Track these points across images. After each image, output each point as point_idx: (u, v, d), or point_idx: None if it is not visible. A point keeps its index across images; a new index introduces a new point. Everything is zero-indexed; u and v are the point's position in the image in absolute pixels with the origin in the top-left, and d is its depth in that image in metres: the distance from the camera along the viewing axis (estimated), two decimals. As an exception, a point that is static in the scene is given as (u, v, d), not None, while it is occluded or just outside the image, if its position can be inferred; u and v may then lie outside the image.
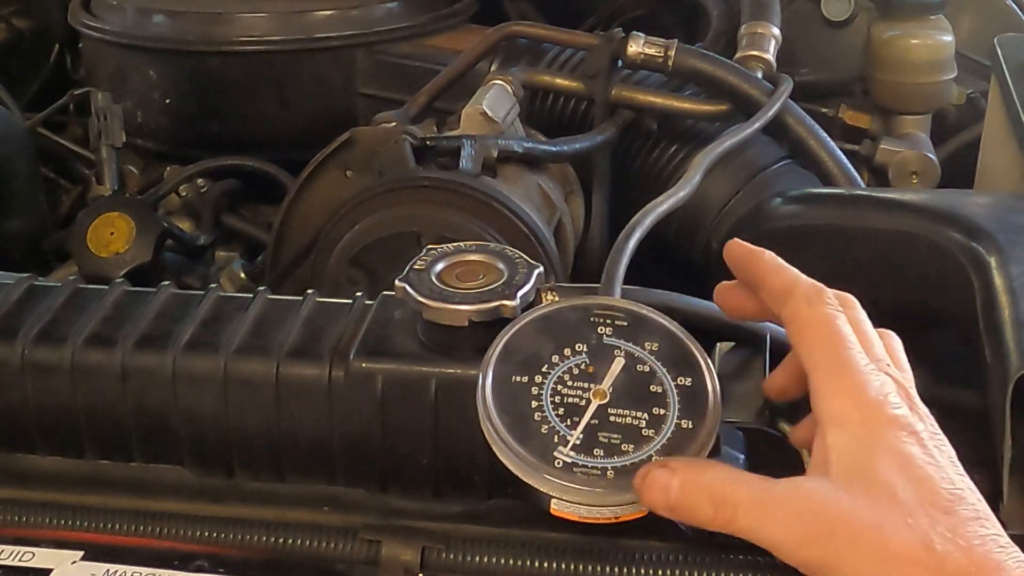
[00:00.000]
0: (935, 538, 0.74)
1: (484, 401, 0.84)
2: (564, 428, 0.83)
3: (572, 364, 0.86)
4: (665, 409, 0.84)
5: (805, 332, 0.83)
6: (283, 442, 0.94)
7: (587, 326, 0.88)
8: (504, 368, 0.86)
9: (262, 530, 0.90)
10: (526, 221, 1.37)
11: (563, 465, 0.82)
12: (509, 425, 0.83)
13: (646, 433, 0.83)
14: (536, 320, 0.89)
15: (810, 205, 1.28)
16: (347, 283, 1.38)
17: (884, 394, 0.80)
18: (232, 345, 0.94)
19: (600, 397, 0.85)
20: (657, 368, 0.86)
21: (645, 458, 0.82)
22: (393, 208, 1.38)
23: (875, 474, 0.77)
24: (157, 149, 1.89)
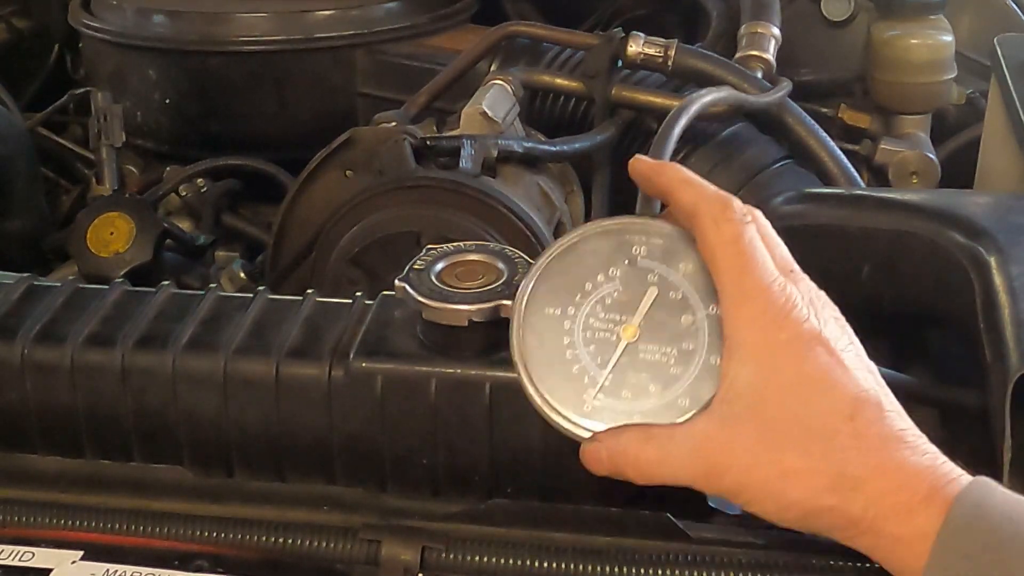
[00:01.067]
0: (835, 445, 0.77)
1: (518, 339, 0.84)
2: (595, 368, 0.83)
3: (605, 293, 0.85)
4: (695, 343, 0.84)
5: (714, 255, 0.83)
6: (283, 442, 0.94)
7: (623, 246, 0.87)
8: (539, 298, 0.85)
9: (262, 530, 0.90)
10: (526, 221, 1.37)
11: (592, 410, 0.83)
12: (541, 363, 0.84)
13: (673, 371, 0.83)
14: (571, 246, 0.87)
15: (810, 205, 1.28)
16: (347, 283, 1.38)
17: (788, 310, 0.80)
18: (232, 345, 0.94)
19: (630, 334, 0.84)
20: (690, 294, 0.85)
21: (671, 400, 0.83)
22: (393, 208, 1.38)
23: (774, 400, 0.79)
24: (157, 149, 1.90)
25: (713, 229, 0.82)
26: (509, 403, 0.89)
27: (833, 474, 0.77)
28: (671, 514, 0.88)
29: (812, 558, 0.84)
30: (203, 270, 1.67)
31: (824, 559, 0.84)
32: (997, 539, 0.73)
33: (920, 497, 0.75)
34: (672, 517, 0.88)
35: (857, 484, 0.76)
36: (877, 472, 0.77)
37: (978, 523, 0.74)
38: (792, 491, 0.78)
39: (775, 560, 0.84)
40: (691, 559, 0.86)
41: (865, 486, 0.76)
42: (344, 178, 1.51)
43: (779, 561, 0.84)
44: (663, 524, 0.87)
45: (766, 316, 0.80)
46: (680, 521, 0.88)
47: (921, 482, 0.76)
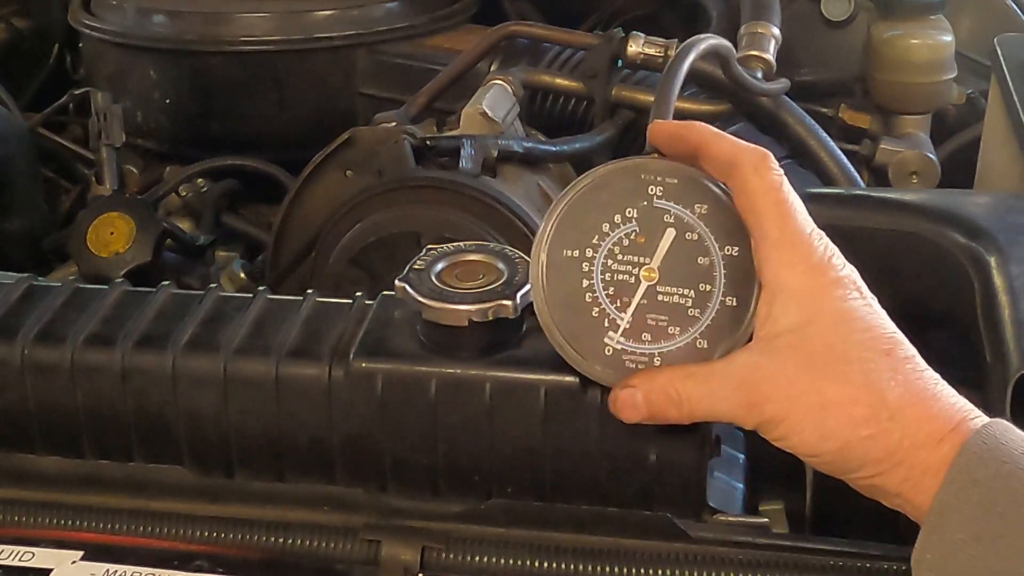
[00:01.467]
0: (875, 377, 0.79)
1: (539, 282, 0.85)
2: (614, 311, 0.84)
3: (623, 234, 0.86)
4: (711, 284, 0.85)
5: (754, 202, 0.83)
6: (283, 442, 0.94)
7: (639, 187, 0.87)
8: (558, 240, 0.86)
9: (262, 530, 0.90)
10: (526, 221, 1.37)
11: (613, 353, 0.84)
12: (561, 306, 0.85)
13: (692, 313, 0.84)
14: (589, 187, 0.88)
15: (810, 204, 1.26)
16: (347, 283, 1.38)
17: (828, 257, 0.82)
18: (232, 345, 0.94)
19: (649, 276, 0.85)
20: (706, 235, 0.85)
21: (690, 341, 0.84)
22: (393, 208, 1.38)
23: (816, 337, 0.81)
24: (157, 149, 1.90)
25: (755, 176, 0.83)
26: (509, 403, 0.89)
27: (872, 403, 0.78)
28: (671, 514, 0.88)
29: (811, 557, 0.85)
30: (203, 270, 1.67)
31: (824, 558, 0.84)
32: (1008, 469, 0.75)
33: (951, 426, 0.78)
34: (672, 517, 0.88)
35: (894, 414, 0.78)
36: (914, 401, 0.79)
37: (992, 453, 0.76)
38: (832, 420, 0.79)
39: (775, 560, 0.84)
40: (691, 559, 0.86)
41: (902, 415, 0.78)
42: (344, 178, 1.51)
43: (779, 561, 0.84)
44: (663, 524, 0.87)
45: (810, 260, 0.82)
46: (680, 521, 0.88)
47: (953, 412, 0.78)
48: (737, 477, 0.96)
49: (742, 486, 0.96)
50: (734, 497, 0.96)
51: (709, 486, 0.91)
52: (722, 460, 0.87)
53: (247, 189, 1.82)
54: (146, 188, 1.81)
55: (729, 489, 0.96)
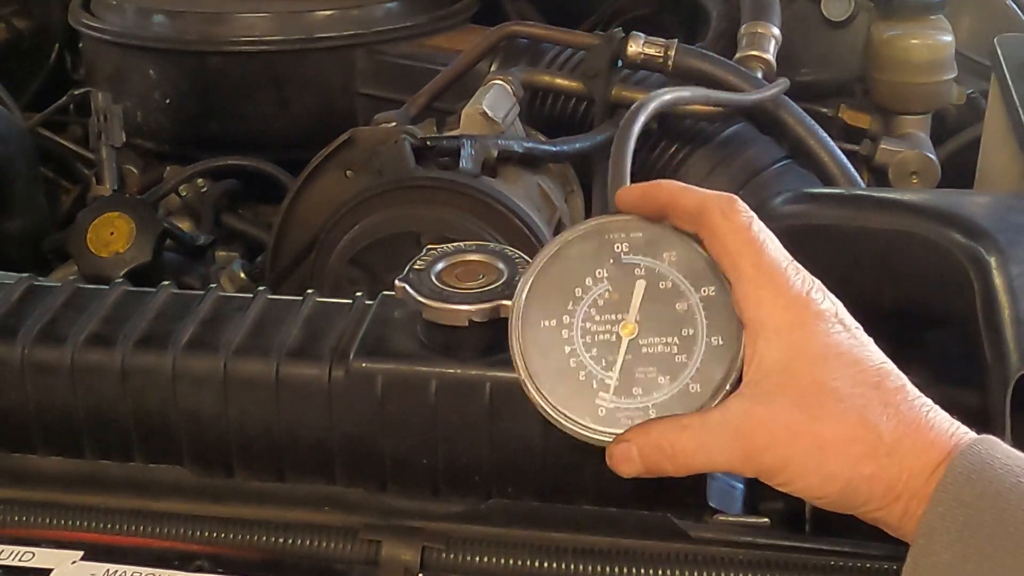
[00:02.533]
0: (869, 413, 0.78)
1: (520, 357, 0.84)
2: (600, 371, 0.83)
3: (596, 295, 0.85)
4: (693, 328, 0.84)
5: (726, 244, 0.83)
6: (283, 442, 0.94)
7: (604, 247, 0.87)
8: (532, 314, 0.85)
9: (262, 530, 0.90)
10: (526, 221, 1.37)
11: (606, 413, 0.83)
12: (547, 376, 0.83)
13: (679, 360, 0.84)
14: (554, 257, 0.87)
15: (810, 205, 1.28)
16: (347, 283, 1.38)
17: (807, 290, 0.82)
18: (232, 345, 0.94)
19: (629, 331, 0.84)
20: (679, 280, 0.85)
21: (683, 387, 0.83)
22: (393, 208, 1.38)
23: (803, 376, 0.80)
24: (157, 149, 1.90)
25: (724, 220, 0.83)
26: (509, 403, 0.89)
27: (869, 440, 0.78)
28: (671, 514, 0.88)
29: (811, 557, 0.85)
30: (203, 270, 1.67)
31: (824, 558, 0.84)
32: (995, 489, 0.75)
33: (944, 453, 0.77)
34: (672, 517, 0.88)
35: (892, 449, 0.78)
36: (909, 432, 0.78)
37: (979, 473, 0.75)
38: (832, 462, 0.78)
39: (775, 560, 0.84)
40: (691, 559, 0.86)
41: (899, 448, 0.78)
42: (344, 178, 1.51)
43: (779, 561, 0.84)
44: (663, 524, 0.87)
45: (788, 295, 0.81)
46: (680, 521, 0.88)
47: (946, 439, 0.78)
48: (737, 477, 0.96)
49: (742, 486, 0.96)
50: (734, 497, 0.96)
51: (709, 486, 0.91)
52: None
53: (247, 189, 1.82)
54: (146, 188, 1.81)
55: (729, 489, 0.96)
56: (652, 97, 1.05)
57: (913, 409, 0.79)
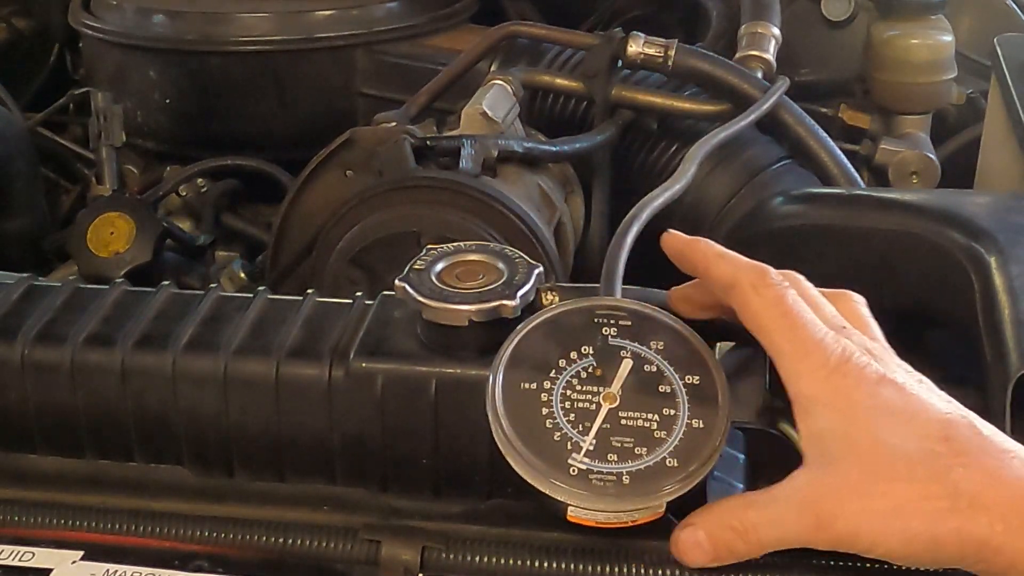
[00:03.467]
0: (939, 466, 0.76)
1: (495, 411, 0.84)
2: (576, 434, 0.83)
3: (580, 368, 0.86)
4: (675, 409, 0.85)
5: (759, 320, 0.83)
6: (283, 442, 0.94)
7: (592, 328, 0.88)
8: (512, 375, 0.86)
9: (262, 530, 0.90)
10: (526, 221, 1.37)
11: (578, 472, 0.82)
12: (522, 434, 0.83)
13: (658, 435, 0.84)
14: (541, 325, 0.89)
15: (810, 205, 1.28)
16: (347, 283, 1.38)
17: (847, 357, 0.80)
18: (232, 345, 0.94)
19: (610, 401, 0.85)
20: (665, 368, 0.86)
21: (659, 461, 0.82)
22: (393, 208, 1.38)
23: (862, 439, 0.78)
24: (157, 149, 1.89)
25: (755, 296, 0.83)
26: (509, 403, 0.89)
27: (948, 494, 0.75)
28: (671, 514, 0.88)
29: (814, 558, 0.84)
30: (203, 270, 1.67)
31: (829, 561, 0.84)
32: None
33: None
34: (672, 518, 0.87)
35: (974, 501, 0.75)
36: (993, 485, 0.75)
37: None
38: (912, 521, 0.76)
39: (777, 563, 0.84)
40: (691, 559, 0.86)
41: (984, 501, 0.74)
42: (344, 178, 1.51)
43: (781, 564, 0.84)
44: (663, 524, 0.86)
45: (828, 365, 0.80)
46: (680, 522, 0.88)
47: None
48: (737, 477, 0.96)
49: (742, 486, 0.96)
50: (734, 497, 0.96)
51: (709, 487, 0.91)
52: (722, 460, 0.86)
53: (247, 189, 1.82)
54: (146, 188, 1.81)
55: (729, 489, 0.95)
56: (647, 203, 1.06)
57: (996, 458, 0.76)
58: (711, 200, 1.50)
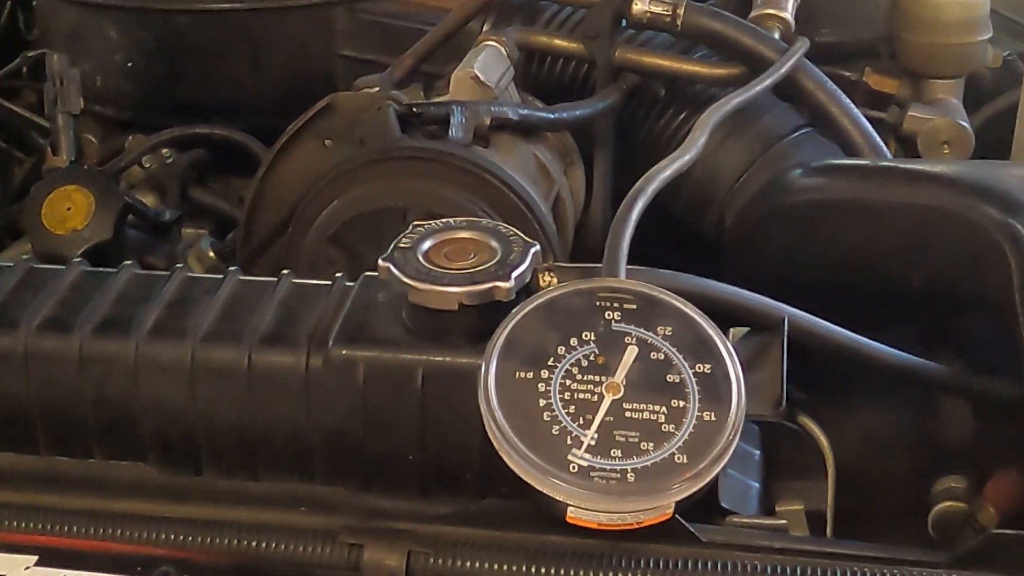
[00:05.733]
0: None
1: (488, 402, 0.84)
2: (577, 428, 0.83)
3: (580, 355, 0.86)
4: (685, 401, 0.84)
5: None
6: (256, 437, 0.94)
7: (593, 312, 0.88)
8: (506, 364, 0.86)
9: (233, 533, 0.90)
10: (521, 195, 1.37)
11: (579, 470, 0.82)
12: (517, 427, 0.83)
13: (666, 428, 0.83)
14: (538, 308, 0.89)
15: (832, 177, 1.28)
16: (326, 263, 1.38)
17: None
18: (200, 330, 0.94)
19: (614, 391, 0.85)
20: (673, 355, 0.86)
21: (667, 457, 0.82)
22: (376, 181, 1.38)
23: None
24: (118, 117, 1.89)
25: None
26: (503, 394, 0.89)
27: None
28: (679, 515, 0.88)
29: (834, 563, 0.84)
30: (168, 249, 1.67)
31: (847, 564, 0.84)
32: None
33: None
34: (680, 519, 0.87)
35: None
36: None
37: None
38: None
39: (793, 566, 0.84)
40: (701, 565, 0.86)
41: None
42: (322, 148, 1.51)
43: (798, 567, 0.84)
44: (671, 527, 0.86)
45: None
46: (689, 523, 0.88)
47: None
48: (752, 475, 0.96)
49: (757, 484, 0.96)
50: (749, 497, 0.96)
51: (721, 485, 0.91)
52: (735, 456, 0.86)
53: (217, 160, 1.81)
54: (106, 159, 1.81)
55: (743, 488, 0.96)
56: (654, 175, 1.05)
57: None
58: (723, 172, 1.50)
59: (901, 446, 1.15)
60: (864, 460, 1.11)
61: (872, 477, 1.11)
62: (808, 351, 1.00)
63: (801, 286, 1.12)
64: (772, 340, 0.96)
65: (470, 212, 1.33)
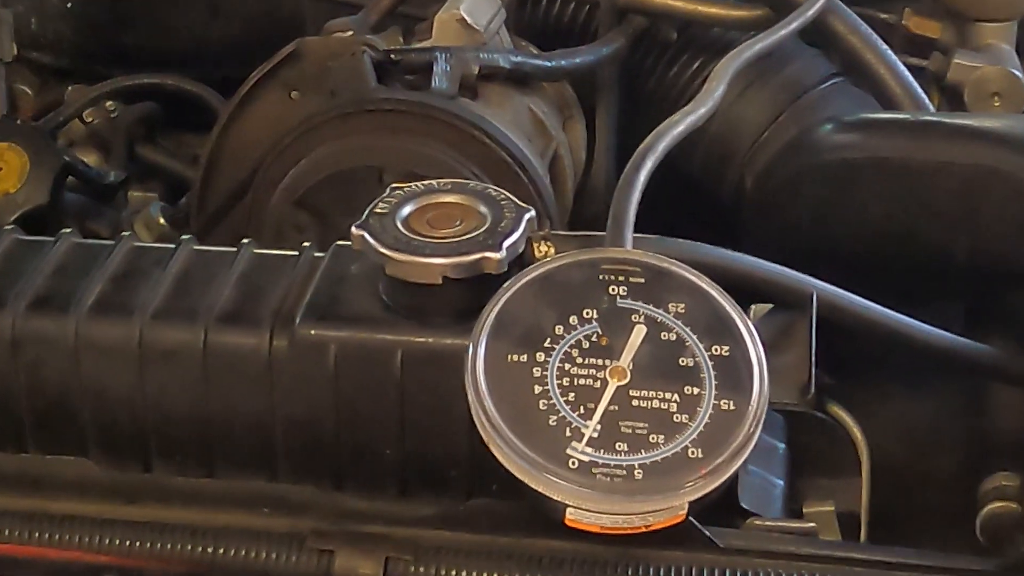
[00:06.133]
0: None
1: (476, 388, 0.84)
2: (577, 418, 0.83)
3: (581, 335, 0.86)
4: (699, 387, 0.84)
5: None
6: (213, 428, 0.94)
7: (596, 286, 0.88)
8: (497, 345, 0.85)
9: (186, 537, 0.90)
10: (514, 153, 1.37)
11: (579, 465, 0.82)
12: (509, 417, 0.83)
13: (678, 419, 0.83)
14: (533, 282, 0.88)
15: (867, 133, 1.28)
16: (292, 230, 1.38)
17: None
18: (149, 307, 0.94)
19: (619, 376, 0.84)
20: (686, 335, 0.86)
21: (680, 451, 0.82)
22: (349, 137, 1.38)
23: None
24: (56, 64, 1.89)
25: None
26: (494, 380, 0.89)
27: None
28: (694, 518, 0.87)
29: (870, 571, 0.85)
30: (113, 215, 1.67)
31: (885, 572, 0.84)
32: None
33: None
34: (695, 522, 0.87)
35: None
36: None
37: None
38: None
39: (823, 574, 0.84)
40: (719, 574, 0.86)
41: None
42: (288, 100, 1.50)
43: (828, 575, 0.84)
44: (683, 530, 0.86)
45: None
46: (706, 527, 0.88)
47: None
48: (776, 471, 0.97)
49: (782, 483, 0.96)
50: (772, 496, 0.96)
51: (741, 483, 0.91)
52: (757, 450, 0.86)
53: (168, 114, 1.81)
54: (43, 113, 1.81)
55: (766, 486, 0.96)
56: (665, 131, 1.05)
57: None
58: (744, 128, 1.50)
59: (945, 439, 1.15)
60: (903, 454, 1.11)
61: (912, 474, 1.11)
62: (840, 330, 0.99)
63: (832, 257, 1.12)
64: (799, 318, 0.96)
65: (456, 173, 1.33)
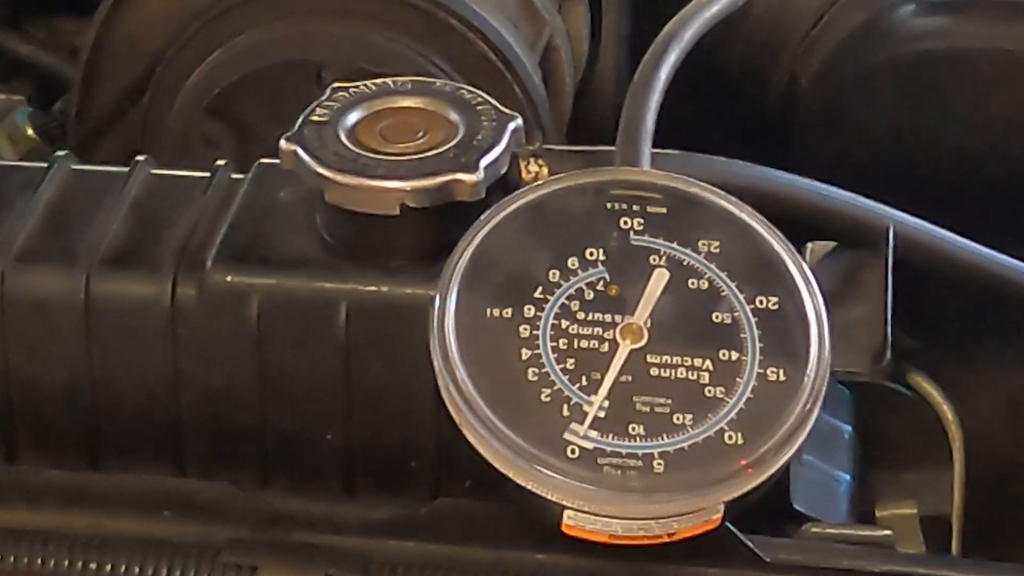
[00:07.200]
0: None
1: (445, 353, 0.83)
2: (578, 392, 0.82)
3: (583, 283, 0.85)
4: (739, 351, 0.84)
5: None
6: (98, 405, 0.93)
7: (603, 218, 0.88)
8: (473, 297, 0.85)
9: (63, 548, 0.90)
10: (494, 43, 1.37)
11: (581, 454, 0.81)
12: (488, 391, 0.82)
13: (711, 393, 0.83)
14: (519, 214, 0.88)
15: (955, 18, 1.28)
16: (201, 144, 1.38)
17: None
18: (14, 246, 0.94)
19: (633, 337, 0.84)
20: (722, 282, 0.86)
21: (713, 435, 0.81)
22: (275, 22, 1.37)
23: None
24: None
25: None
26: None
27: None
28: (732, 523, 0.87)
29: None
30: (-35, 124, 1.67)
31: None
32: None
33: None
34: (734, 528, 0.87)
35: None
36: None
37: None
38: None
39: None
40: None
41: None
42: (195, -26, 1.50)
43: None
44: (718, 540, 0.86)
45: None
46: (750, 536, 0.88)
47: None
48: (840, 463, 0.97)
49: (848, 477, 0.96)
50: (835, 496, 0.97)
51: (794, 478, 0.91)
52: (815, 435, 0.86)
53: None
54: None
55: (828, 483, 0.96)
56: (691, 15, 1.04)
57: None
58: (796, 11, 1.49)
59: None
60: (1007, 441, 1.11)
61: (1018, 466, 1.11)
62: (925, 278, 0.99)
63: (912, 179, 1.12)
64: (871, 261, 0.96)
65: (418, 69, 1.33)
